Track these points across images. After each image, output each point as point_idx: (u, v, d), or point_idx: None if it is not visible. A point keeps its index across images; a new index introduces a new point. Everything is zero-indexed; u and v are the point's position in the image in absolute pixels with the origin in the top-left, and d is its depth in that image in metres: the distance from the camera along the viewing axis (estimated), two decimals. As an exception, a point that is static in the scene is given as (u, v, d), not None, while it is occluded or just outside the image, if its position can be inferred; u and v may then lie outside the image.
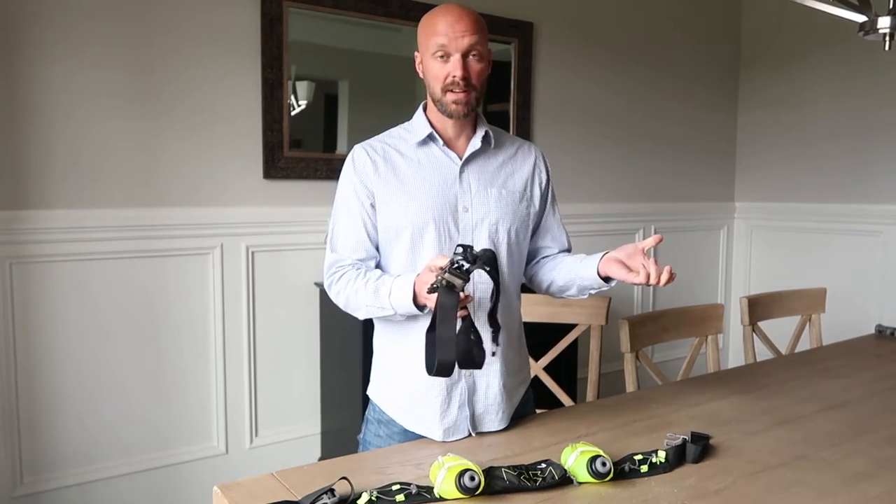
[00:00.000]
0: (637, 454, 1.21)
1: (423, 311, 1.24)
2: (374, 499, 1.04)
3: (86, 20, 2.19)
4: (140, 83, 2.28)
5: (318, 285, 2.62)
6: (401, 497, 1.05)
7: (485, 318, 1.33)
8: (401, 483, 1.08)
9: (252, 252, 2.53)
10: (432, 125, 1.37)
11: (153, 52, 2.30)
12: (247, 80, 2.46)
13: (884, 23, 1.71)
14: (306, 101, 2.62)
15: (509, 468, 1.12)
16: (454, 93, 1.31)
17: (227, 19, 2.41)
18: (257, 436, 2.60)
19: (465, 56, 1.30)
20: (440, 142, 1.37)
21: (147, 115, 2.30)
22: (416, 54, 1.37)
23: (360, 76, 2.74)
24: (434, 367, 1.14)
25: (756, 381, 1.78)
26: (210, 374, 2.49)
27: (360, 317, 1.36)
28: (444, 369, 1.14)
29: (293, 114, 2.57)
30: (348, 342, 2.39)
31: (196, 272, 2.44)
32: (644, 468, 1.18)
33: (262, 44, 2.46)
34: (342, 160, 1.42)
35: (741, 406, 1.58)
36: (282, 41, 2.49)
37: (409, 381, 1.36)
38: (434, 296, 1.13)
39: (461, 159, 1.37)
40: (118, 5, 2.23)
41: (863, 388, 1.74)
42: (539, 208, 1.47)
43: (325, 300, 2.60)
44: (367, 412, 1.48)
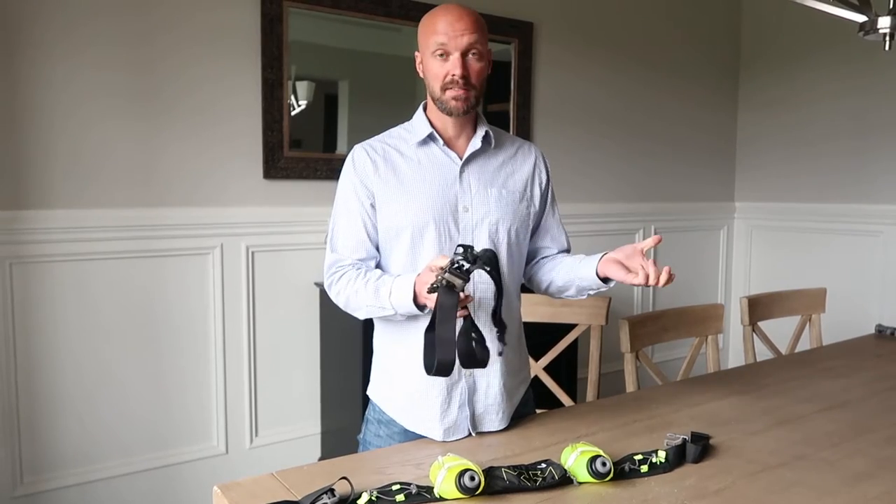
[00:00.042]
0: (637, 454, 1.21)
1: (423, 311, 1.24)
2: (374, 499, 1.04)
3: (86, 20, 2.19)
4: (140, 83, 2.29)
5: (318, 285, 2.62)
6: (401, 497, 1.05)
7: (488, 318, 1.33)
8: (401, 483, 1.08)
9: (252, 252, 2.53)
10: (432, 125, 1.37)
11: (153, 52, 2.30)
12: (247, 80, 2.47)
13: (884, 23, 1.71)
14: (306, 101, 2.62)
15: (509, 468, 1.12)
16: (453, 90, 1.31)
17: (227, 19, 2.42)
18: (257, 436, 2.60)
19: (464, 55, 1.30)
20: (440, 141, 1.37)
21: (147, 115, 2.31)
22: (417, 54, 1.37)
23: (360, 76, 2.74)
24: (433, 366, 1.14)
25: (756, 381, 1.78)
26: (210, 374, 2.49)
27: (360, 317, 1.36)
28: (444, 369, 1.14)
29: (293, 114, 2.57)
30: (348, 342, 2.39)
31: (196, 272, 2.44)
32: (644, 468, 1.18)
33: (262, 44, 2.46)
34: (342, 160, 1.42)
35: (741, 406, 1.58)
36: (282, 41, 2.49)
37: (410, 380, 1.36)
38: (434, 296, 1.13)
39: (461, 159, 1.37)
40: (118, 5, 2.23)
41: (863, 388, 1.74)
42: (539, 208, 1.47)
43: (325, 300, 2.60)
44: (367, 412, 1.48)
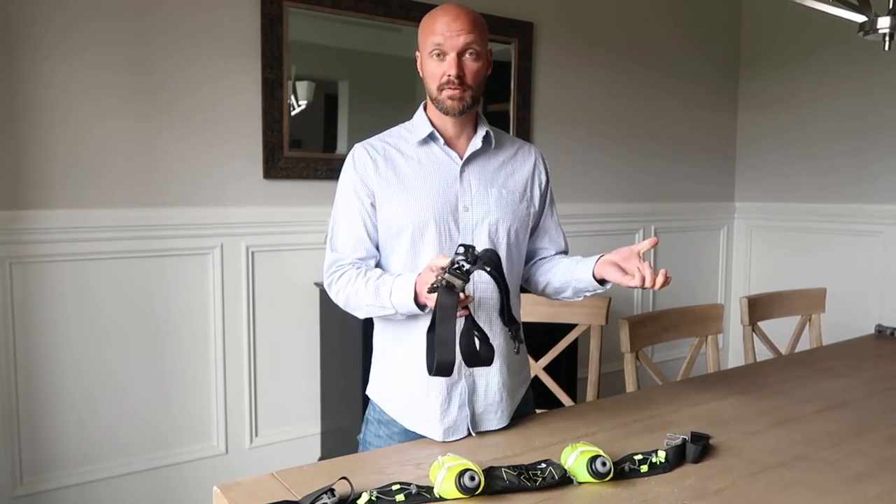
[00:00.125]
0: (637, 454, 1.21)
1: (423, 311, 1.24)
2: (374, 499, 1.04)
3: (86, 20, 2.19)
4: (140, 83, 2.29)
5: (318, 285, 2.62)
6: (401, 497, 1.05)
7: (489, 318, 1.33)
8: (401, 483, 1.08)
9: (252, 252, 2.53)
10: (433, 125, 1.37)
11: (153, 52, 2.30)
12: (247, 80, 2.47)
13: (884, 23, 1.71)
14: (306, 101, 2.62)
15: (509, 468, 1.12)
16: (450, 90, 1.31)
17: (227, 19, 2.41)
18: (257, 436, 2.60)
19: (460, 55, 1.30)
20: (441, 141, 1.37)
21: (147, 115, 2.31)
22: (417, 54, 1.37)
23: (360, 76, 2.74)
24: (434, 367, 1.14)
25: (756, 381, 1.78)
26: (210, 374, 2.49)
27: (359, 316, 1.36)
28: (444, 369, 1.14)
29: (293, 114, 2.57)
30: (348, 342, 2.39)
31: (196, 272, 2.44)
32: (644, 468, 1.18)
33: (262, 44, 2.46)
34: (342, 160, 1.42)
35: (741, 406, 1.58)
36: (282, 41, 2.49)
37: (410, 380, 1.36)
38: (434, 295, 1.13)
39: (462, 159, 1.37)
40: (118, 5, 2.23)
41: (863, 388, 1.74)
42: (538, 209, 1.47)
43: (325, 300, 2.60)
44: (367, 412, 1.48)
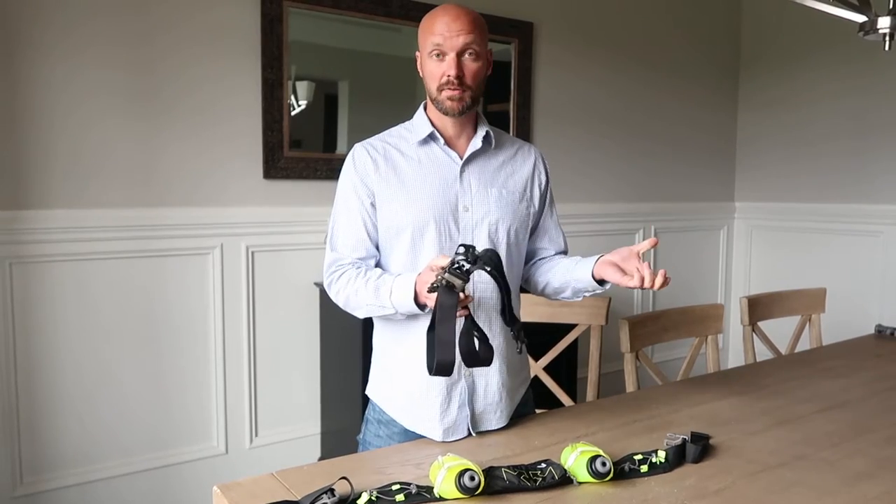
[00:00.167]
0: (637, 454, 1.21)
1: (423, 311, 1.24)
2: (373, 499, 1.04)
3: (85, 20, 2.19)
4: (140, 83, 2.29)
5: (318, 285, 2.62)
6: (401, 497, 1.05)
7: (489, 318, 1.34)
8: (401, 483, 1.08)
9: (252, 252, 2.53)
10: (433, 124, 1.37)
11: (153, 52, 2.30)
12: (247, 80, 2.47)
13: (884, 23, 1.71)
14: (306, 101, 2.62)
15: (509, 468, 1.12)
16: (449, 90, 1.31)
17: (227, 19, 2.41)
18: (257, 436, 2.60)
19: (459, 55, 1.30)
20: (441, 141, 1.37)
21: (147, 115, 2.31)
22: (417, 54, 1.37)
23: (360, 76, 2.74)
24: (434, 366, 1.14)
25: (756, 382, 1.78)
26: (210, 374, 2.49)
27: (359, 315, 1.36)
28: (444, 369, 1.14)
29: (293, 114, 2.57)
30: (348, 342, 2.39)
31: (196, 272, 2.44)
32: (644, 468, 1.18)
33: (262, 44, 2.46)
34: (342, 160, 1.42)
35: (741, 406, 1.58)
36: (282, 41, 2.49)
37: (409, 380, 1.36)
38: (434, 295, 1.13)
39: (462, 159, 1.37)
40: (118, 5, 2.23)
41: (863, 388, 1.74)
42: (538, 209, 1.47)
43: (325, 300, 2.60)
44: (366, 412, 1.48)
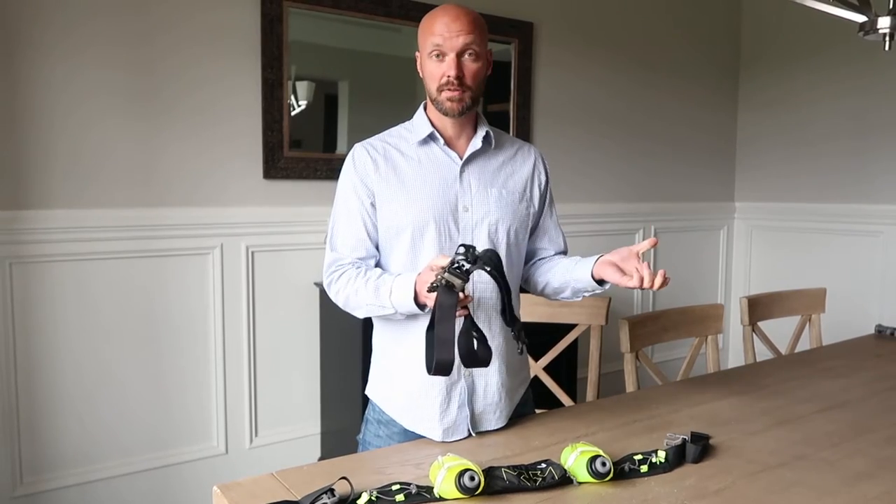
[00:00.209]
0: (637, 454, 1.21)
1: (423, 311, 1.24)
2: (373, 499, 1.04)
3: (85, 20, 2.19)
4: (140, 83, 2.29)
5: (317, 285, 2.62)
6: (400, 497, 1.05)
7: (488, 318, 1.34)
8: (401, 483, 1.08)
9: (252, 252, 2.53)
10: (433, 125, 1.37)
11: (153, 52, 2.30)
12: (247, 80, 2.46)
13: (884, 23, 1.71)
14: (306, 101, 2.62)
15: (509, 468, 1.12)
16: (449, 91, 1.31)
17: (227, 19, 2.41)
18: (257, 436, 2.60)
19: (459, 55, 1.30)
20: (441, 141, 1.37)
21: (147, 115, 2.31)
22: (417, 54, 1.37)
23: (360, 76, 2.74)
24: (433, 366, 1.14)
25: (756, 382, 1.78)
26: (210, 374, 2.49)
27: (359, 315, 1.36)
28: (443, 368, 1.14)
29: (293, 114, 2.57)
30: (348, 342, 2.39)
31: (196, 272, 2.44)
32: (644, 468, 1.18)
33: (262, 44, 2.46)
34: (342, 160, 1.42)
35: (741, 406, 1.58)
36: (282, 41, 2.49)
37: (409, 380, 1.36)
38: (434, 295, 1.13)
39: (461, 159, 1.37)
40: (118, 5, 2.23)
41: (863, 388, 1.74)
42: (538, 209, 1.47)
43: (325, 300, 2.60)
44: (366, 412, 1.48)
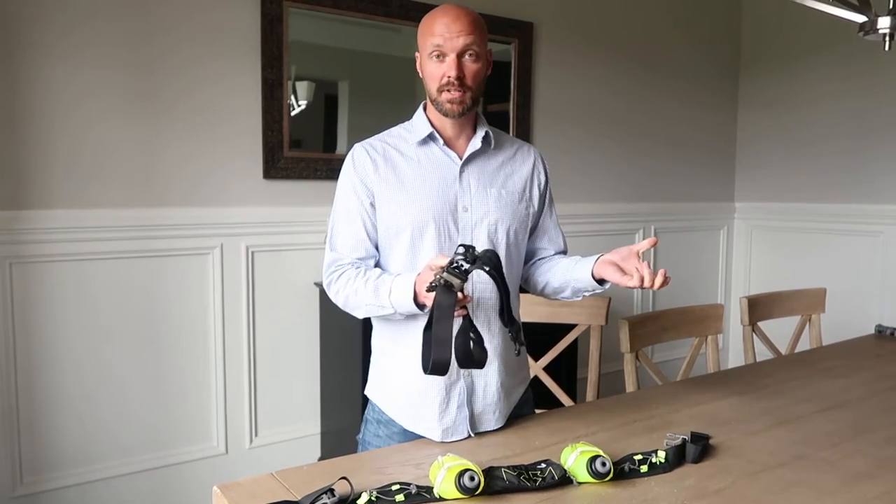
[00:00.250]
0: (637, 454, 1.21)
1: (423, 311, 1.24)
2: (373, 499, 1.04)
3: (86, 20, 2.19)
4: (140, 83, 2.29)
5: (317, 285, 2.62)
6: (400, 497, 1.05)
7: (487, 318, 1.34)
8: (400, 483, 1.08)
9: (252, 252, 2.53)
10: (432, 125, 1.37)
11: (153, 52, 2.30)
12: (247, 80, 2.47)
13: (884, 23, 1.71)
14: (306, 101, 2.62)
15: (509, 468, 1.12)
16: (449, 92, 1.31)
17: (227, 19, 2.41)
18: (257, 436, 2.60)
19: (460, 56, 1.30)
20: (440, 141, 1.37)
21: (147, 115, 2.31)
22: (417, 55, 1.37)
23: (360, 76, 2.74)
24: (429, 365, 1.14)
25: (756, 382, 1.78)
26: (210, 374, 2.49)
27: (359, 315, 1.36)
28: (439, 368, 1.13)
29: (293, 114, 2.57)
30: (348, 342, 2.39)
31: (196, 272, 2.44)
32: (644, 468, 1.18)
33: (262, 44, 2.46)
34: (342, 160, 1.42)
35: (741, 406, 1.58)
36: (282, 41, 2.49)
37: (408, 380, 1.36)
38: (433, 294, 1.13)
39: (461, 159, 1.37)
40: (118, 6, 2.23)
41: (863, 388, 1.74)
42: (537, 209, 1.47)
43: (325, 300, 2.60)
44: (366, 412, 1.48)
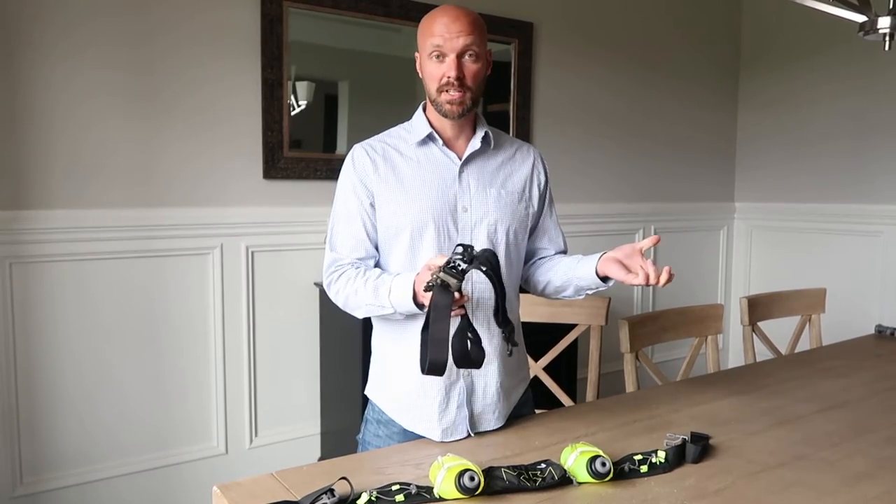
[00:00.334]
0: (637, 454, 1.21)
1: (422, 310, 1.24)
2: (373, 499, 1.04)
3: (86, 20, 2.19)
4: (140, 83, 2.29)
5: (317, 285, 2.62)
6: (400, 497, 1.05)
7: (486, 318, 1.34)
8: (400, 483, 1.08)
9: (252, 252, 2.53)
10: (432, 125, 1.37)
11: (153, 52, 2.30)
12: (247, 80, 2.47)
13: (884, 23, 1.71)
14: (306, 101, 2.62)
15: (509, 468, 1.12)
16: (449, 93, 1.31)
17: (227, 19, 2.41)
18: (257, 436, 2.60)
19: (460, 56, 1.30)
20: (440, 142, 1.37)
21: (147, 115, 2.31)
22: (416, 55, 1.37)
23: (360, 76, 2.74)
24: (426, 365, 1.14)
25: (756, 382, 1.78)
26: (210, 374, 2.49)
27: (358, 315, 1.36)
28: (436, 368, 1.13)
29: (293, 114, 2.57)
30: (348, 342, 2.39)
31: (196, 272, 2.44)
32: (644, 468, 1.18)
33: (262, 44, 2.46)
34: (342, 160, 1.42)
35: (741, 406, 1.58)
36: (282, 41, 2.49)
37: (408, 380, 1.36)
38: (430, 294, 1.13)
39: (461, 159, 1.37)
40: (118, 6, 2.23)
41: (863, 388, 1.74)
42: (537, 209, 1.47)
43: (325, 300, 2.60)
44: (366, 412, 1.48)
